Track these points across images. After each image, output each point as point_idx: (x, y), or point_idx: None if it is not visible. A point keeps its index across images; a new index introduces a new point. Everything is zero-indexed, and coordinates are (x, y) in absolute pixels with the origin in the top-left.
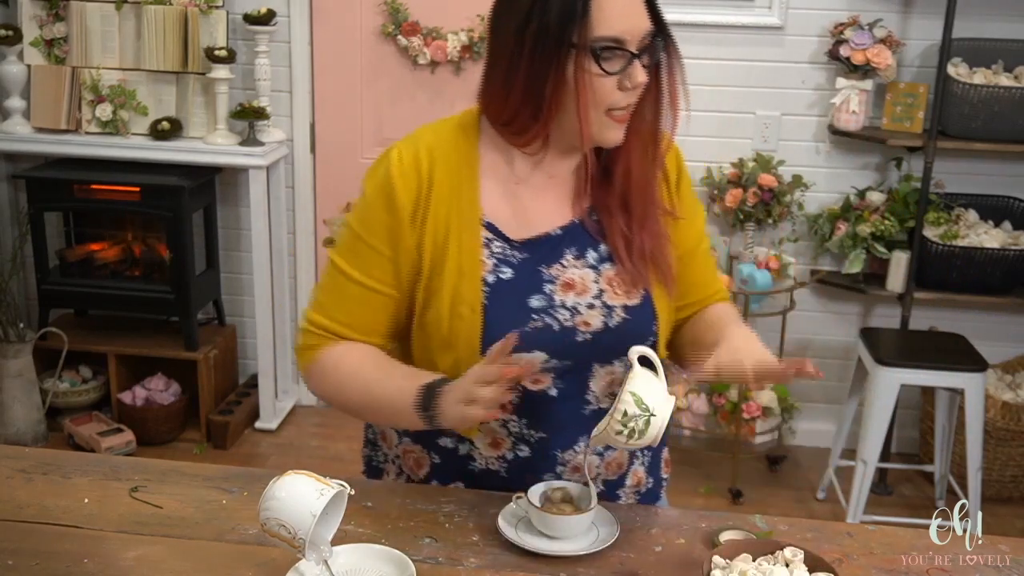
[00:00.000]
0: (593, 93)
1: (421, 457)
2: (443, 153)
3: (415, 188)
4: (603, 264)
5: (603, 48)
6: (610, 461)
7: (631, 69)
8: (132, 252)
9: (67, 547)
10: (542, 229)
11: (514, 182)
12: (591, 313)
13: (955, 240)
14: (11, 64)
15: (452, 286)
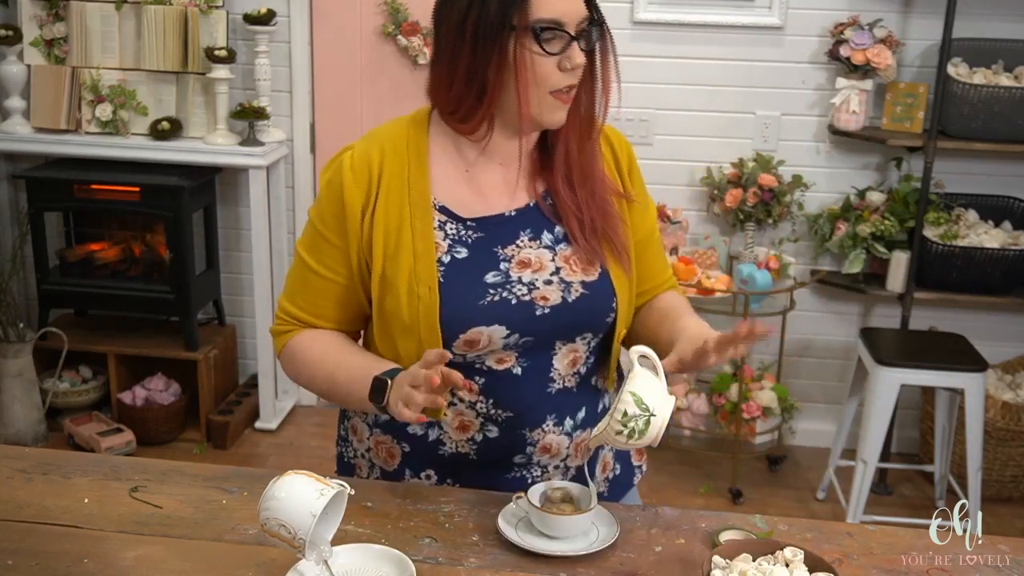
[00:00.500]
0: (535, 73)
1: (392, 448)
2: (393, 147)
3: (365, 184)
4: (559, 244)
5: (543, 29)
6: (579, 443)
7: (570, 50)
8: (132, 252)
9: (67, 547)
10: (496, 210)
11: (464, 168)
12: (548, 288)
13: (955, 240)
14: (11, 64)
15: (408, 269)
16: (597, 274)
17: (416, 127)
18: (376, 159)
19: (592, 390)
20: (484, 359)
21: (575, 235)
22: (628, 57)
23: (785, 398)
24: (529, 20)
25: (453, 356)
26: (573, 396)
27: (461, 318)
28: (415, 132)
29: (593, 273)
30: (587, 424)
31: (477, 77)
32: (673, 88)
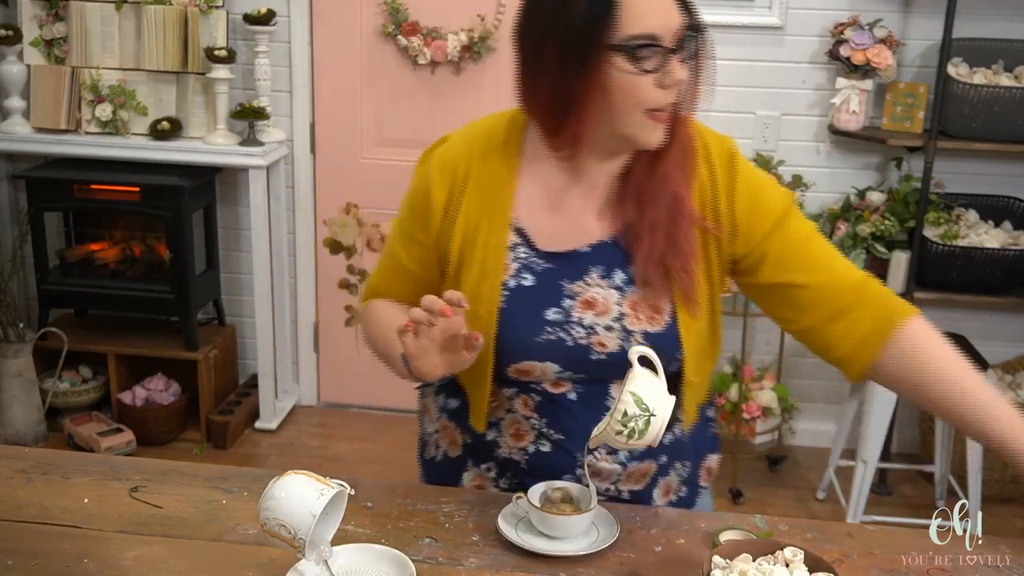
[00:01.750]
0: (629, 94)
1: (455, 436)
2: (484, 151)
3: (449, 185)
4: (629, 287)
5: (638, 46)
6: (632, 471)
7: (669, 66)
8: (132, 252)
9: (67, 547)
10: (572, 244)
11: (553, 188)
12: (608, 335)
13: (955, 240)
14: (11, 64)
15: (474, 285)
16: (663, 324)
17: (512, 133)
18: (464, 161)
19: None
20: (540, 382)
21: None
22: None
23: (785, 398)
24: (620, 37)
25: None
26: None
27: (515, 350)
28: (511, 138)
29: (659, 323)
30: (647, 456)
31: (562, 95)
32: None
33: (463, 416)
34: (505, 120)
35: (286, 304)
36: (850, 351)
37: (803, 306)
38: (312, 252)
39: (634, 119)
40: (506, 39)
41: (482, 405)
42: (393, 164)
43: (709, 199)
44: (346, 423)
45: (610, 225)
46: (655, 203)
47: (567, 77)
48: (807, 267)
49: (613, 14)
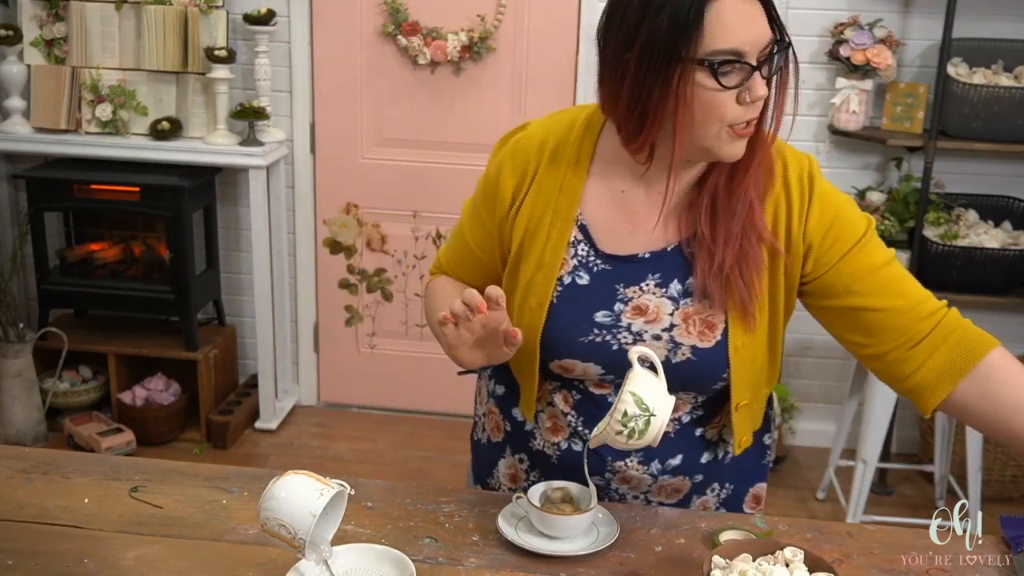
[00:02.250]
0: (709, 109)
1: (499, 421)
2: (559, 144)
3: (520, 175)
4: (684, 299)
5: (721, 62)
6: (664, 484)
7: (751, 83)
8: (132, 252)
9: (67, 547)
10: (633, 249)
11: (621, 188)
12: (655, 344)
13: (955, 240)
14: (11, 64)
15: (529, 276)
16: (714, 341)
17: (589, 130)
18: (536, 151)
19: (696, 440)
20: (582, 380)
21: (701, 286)
22: None
23: (785, 398)
24: (703, 52)
25: (551, 371)
26: (668, 440)
27: (560, 347)
28: (586, 135)
29: (709, 339)
30: (681, 472)
31: (639, 104)
32: None
33: (508, 403)
34: (584, 116)
35: (286, 304)
36: (925, 382)
37: (877, 331)
38: (312, 252)
39: (713, 132)
40: (506, 39)
41: (531, 395)
42: (393, 164)
43: (784, 217)
44: (346, 423)
45: (675, 233)
46: (728, 215)
47: (647, 87)
48: (883, 292)
49: (698, 28)
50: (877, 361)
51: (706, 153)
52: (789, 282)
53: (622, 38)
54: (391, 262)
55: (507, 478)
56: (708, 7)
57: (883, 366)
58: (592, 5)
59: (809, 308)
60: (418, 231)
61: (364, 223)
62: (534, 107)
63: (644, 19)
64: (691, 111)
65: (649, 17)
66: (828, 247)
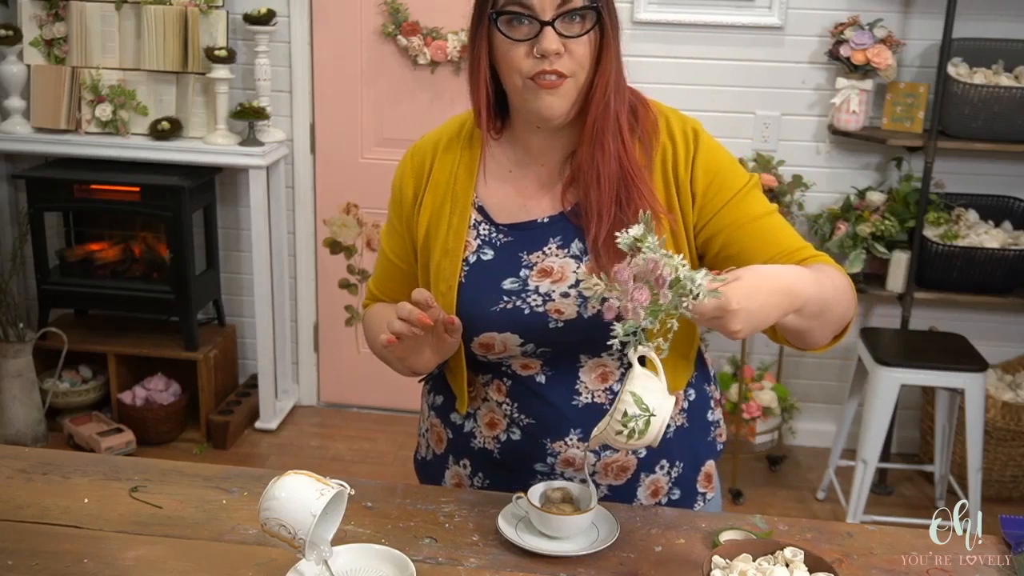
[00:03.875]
0: (503, 60)
1: (440, 432)
2: (450, 139)
3: (418, 175)
4: (586, 256)
5: (505, 13)
6: (609, 463)
7: (540, 36)
8: (132, 252)
9: (67, 547)
10: (530, 216)
11: (509, 168)
12: (565, 302)
13: (955, 240)
14: (11, 64)
15: (436, 264)
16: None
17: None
18: (431, 151)
19: None
20: (509, 363)
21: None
22: (628, 57)
23: (785, 398)
24: (498, 7)
25: (476, 356)
26: (603, 413)
27: (474, 321)
28: (475, 129)
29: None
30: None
31: (475, 70)
32: (673, 88)
33: (447, 410)
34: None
35: (286, 304)
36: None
37: None
38: (312, 252)
39: (517, 85)
40: None
41: (461, 385)
42: (393, 164)
43: (671, 168)
44: (346, 423)
45: (568, 199)
46: (598, 184)
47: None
48: (760, 240)
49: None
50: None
51: (527, 111)
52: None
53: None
54: None
55: (453, 487)
56: None
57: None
58: None
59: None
60: None
61: (364, 223)
62: None
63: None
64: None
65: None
66: (711, 197)
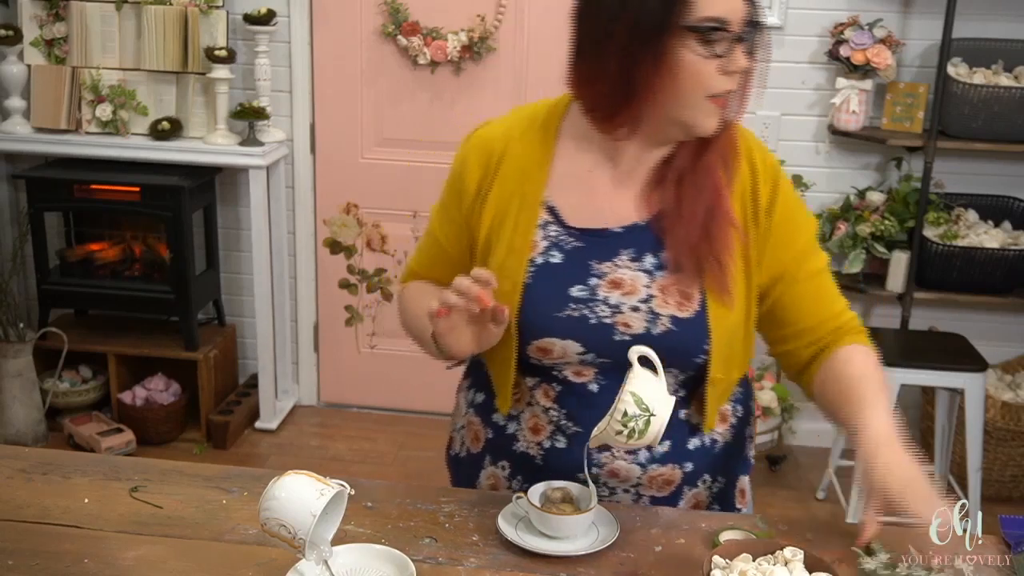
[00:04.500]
0: (695, 77)
1: (479, 431)
2: (522, 133)
3: (484, 166)
4: (659, 271)
5: (708, 28)
6: (654, 475)
7: (734, 52)
8: (132, 252)
9: (67, 547)
10: (604, 223)
11: (588, 169)
12: (634, 315)
13: (955, 240)
14: (11, 64)
15: (500, 261)
16: (692, 311)
17: (551, 116)
18: (500, 143)
19: (681, 423)
20: (561, 368)
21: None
22: None
23: (785, 398)
24: (693, 18)
25: (528, 358)
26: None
27: (537, 325)
28: (551, 120)
29: (688, 309)
30: (670, 460)
31: (626, 77)
32: None
33: (488, 410)
34: (546, 106)
35: (286, 304)
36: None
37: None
38: (312, 252)
39: (695, 103)
40: (506, 39)
41: (506, 385)
42: (393, 164)
43: (750, 201)
44: (346, 423)
45: (645, 209)
46: (695, 192)
47: (635, 59)
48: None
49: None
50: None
51: (683, 126)
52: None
53: (607, 12)
54: (391, 262)
55: (488, 488)
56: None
57: (787, 359)
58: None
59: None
60: (418, 231)
61: (364, 223)
62: None
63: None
64: (677, 81)
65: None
66: (782, 240)
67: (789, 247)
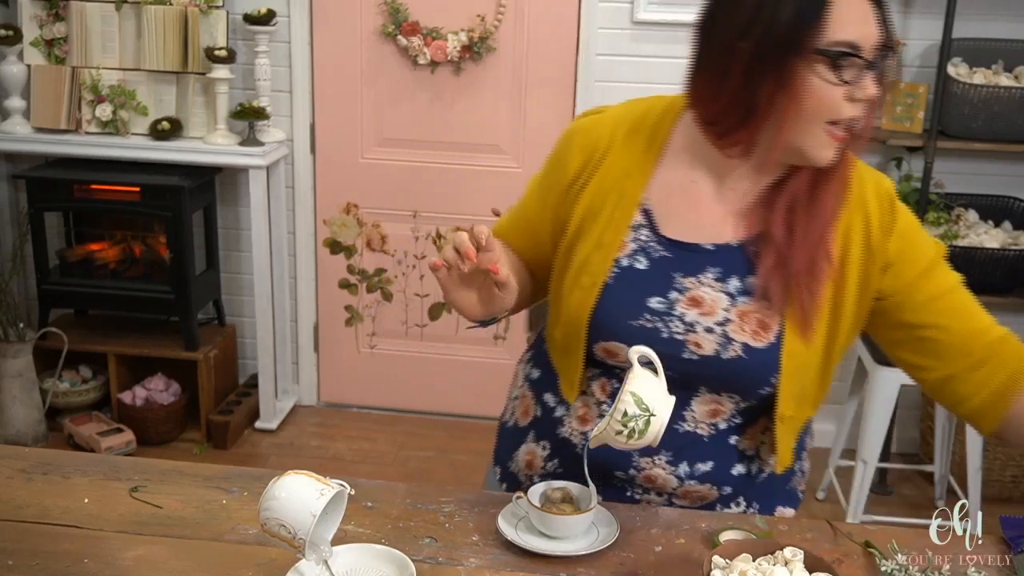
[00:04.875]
0: (820, 102)
1: (530, 406)
2: (633, 130)
3: (589, 153)
4: (741, 296)
5: (839, 53)
6: (689, 490)
7: (863, 79)
8: (132, 252)
9: (67, 547)
10: (696, 238)
11: (691, 180)
12: (707, 336)
13: (955, 240)
14: (11, 64)
15: (586, 255)
16: (767, 342)
17: (664, 118)
18: (607, 138)
19: (728, 449)
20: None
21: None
22: (628, 57)
23: None
24: (824, 41)
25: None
26: (701, 445)
27: (608, 328)
28: (661, 122)
29: (763, 339)
30: (709, 480)
31: (746, 97)
32: (673, 88)
33: (542, 387)
34: (662, 104)
35: (286, 304)
36: (983, 403)
37: (941, 354)
38: (312, 252)
39: (814, 131)
40: (506, 39)
41: (575, 376)
42: (393, 164)
43: (860, 230)
44: (346, 423)
45: (741, 230)
46: (806, 221)
47: (758, 78)
48: (950, 315)
49: (822, 18)
50: (940, 385)
51: (798, 153)
52: (862, 296)
53: (734, 28)
54: (391, 262)
55: (524, 464)
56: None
57: (946, 391)
58: (592, 5)
59: (878, 330)
60: (418, 231)
61: (364, 223)
62: (534, 107)
63: (762, 7)
64: (801, 105)
65: (769, 5)
66: (903, 267)
67: (914, 268)
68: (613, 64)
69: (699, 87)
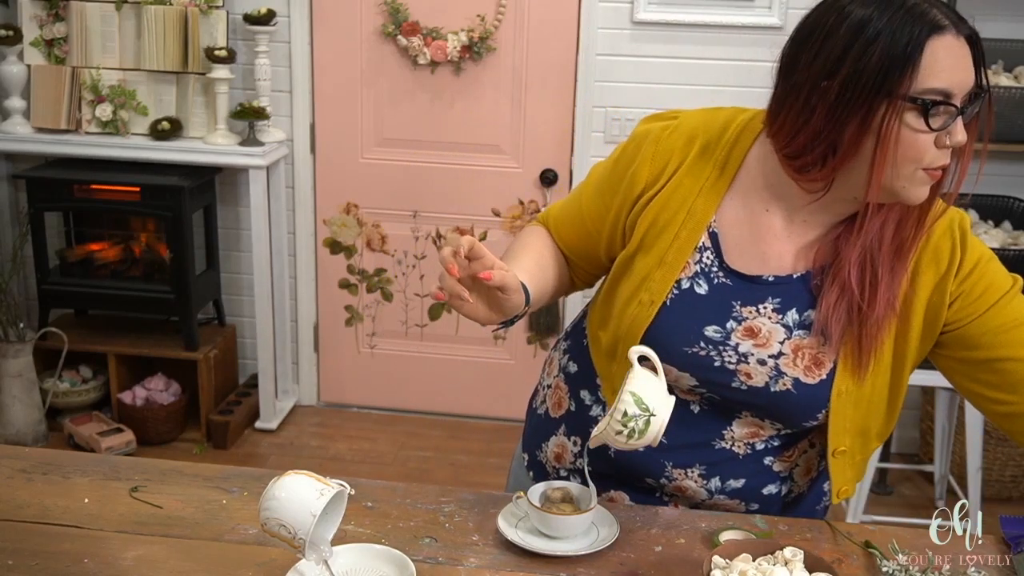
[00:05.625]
0: (909, 149)
1: (563, 399)
2: (709, 146)
3: (661, 165)
4: (799, 330)
5: (932, 102)
6: (718, 503)
7: (954, 126)
8: (132, 252)
9: (67, 547)
10: (759, 270)
11: (762, 209)
12: (758, 368)
13: None
14: (11, 64)
15: (647, 271)
16: (818, 379)
17: (742, 138)
18: (680, 151)
19: (763, 469)
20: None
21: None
22: (628, 57)
23: None
24: (915, 89)
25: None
26: (736, 463)
27: (661, 350)
28: (738, 142)
29: (814, 375)
30: (739, 496)
31: (829, 137)
32: (673, 88)
33: (578, 383)
34: (741, 121)
35: (286, 304)
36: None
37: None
38: (312, 252)
39: (907, 173)
40: (506, 39)
41: (618, 382)
42: (393, 164)
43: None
44: (346, 423)
45: (806, 263)
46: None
47: (843, 119)
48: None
49: (914, 65)
50: (1015, 419)
51: (891, 193)
52: (927, 334)
53: (821, 66)
54: (391, 262)
55: (553, 456)
56: (927, 44)
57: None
58: (592, 5)
59: (942, 360)
60: (418, 231)
61: (364, 223)
62: (534, 107)
63: (851, 48)
64: (889, 149)
65: (858, 47)
66: (976, 298)
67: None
68: (613, 64)
69: (781, 121)
